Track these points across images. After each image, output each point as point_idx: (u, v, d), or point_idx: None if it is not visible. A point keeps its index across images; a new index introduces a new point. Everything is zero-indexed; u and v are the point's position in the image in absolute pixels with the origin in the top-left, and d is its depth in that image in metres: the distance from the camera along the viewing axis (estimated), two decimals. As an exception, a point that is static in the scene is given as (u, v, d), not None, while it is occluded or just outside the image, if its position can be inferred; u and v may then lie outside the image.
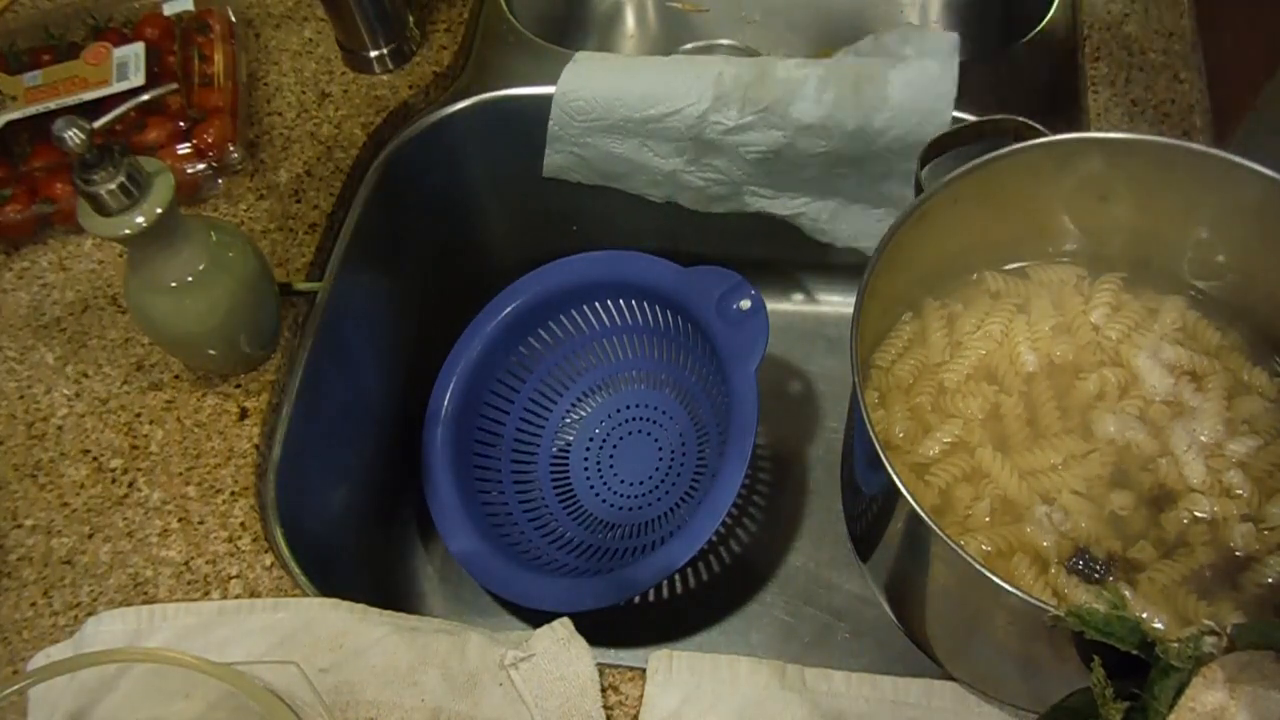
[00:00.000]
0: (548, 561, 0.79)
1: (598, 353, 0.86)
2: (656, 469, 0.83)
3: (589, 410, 0.87)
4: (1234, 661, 0.40)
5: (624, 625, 0.79)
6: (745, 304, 0.73)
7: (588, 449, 0.85)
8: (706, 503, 0.69)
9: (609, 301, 0.83)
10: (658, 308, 0.81)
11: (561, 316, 0.84)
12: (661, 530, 0.80)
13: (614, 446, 0.85)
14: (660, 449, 0.84)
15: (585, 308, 0.83)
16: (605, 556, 0.79)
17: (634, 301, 0.82)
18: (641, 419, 0.86)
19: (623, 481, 0.84)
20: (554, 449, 0.86)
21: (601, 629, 0.80)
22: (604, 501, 0.83)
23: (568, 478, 0.85)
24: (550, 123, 0.81)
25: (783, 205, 0.84)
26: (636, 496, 0.83)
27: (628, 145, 0.81)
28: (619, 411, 0.86)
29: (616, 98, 0.78)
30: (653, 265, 0.79)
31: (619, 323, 0.84)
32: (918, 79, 0.73)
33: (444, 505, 0.77)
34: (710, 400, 0.81)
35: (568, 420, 0.87)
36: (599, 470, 0.84)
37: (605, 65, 0.80)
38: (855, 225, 0.83)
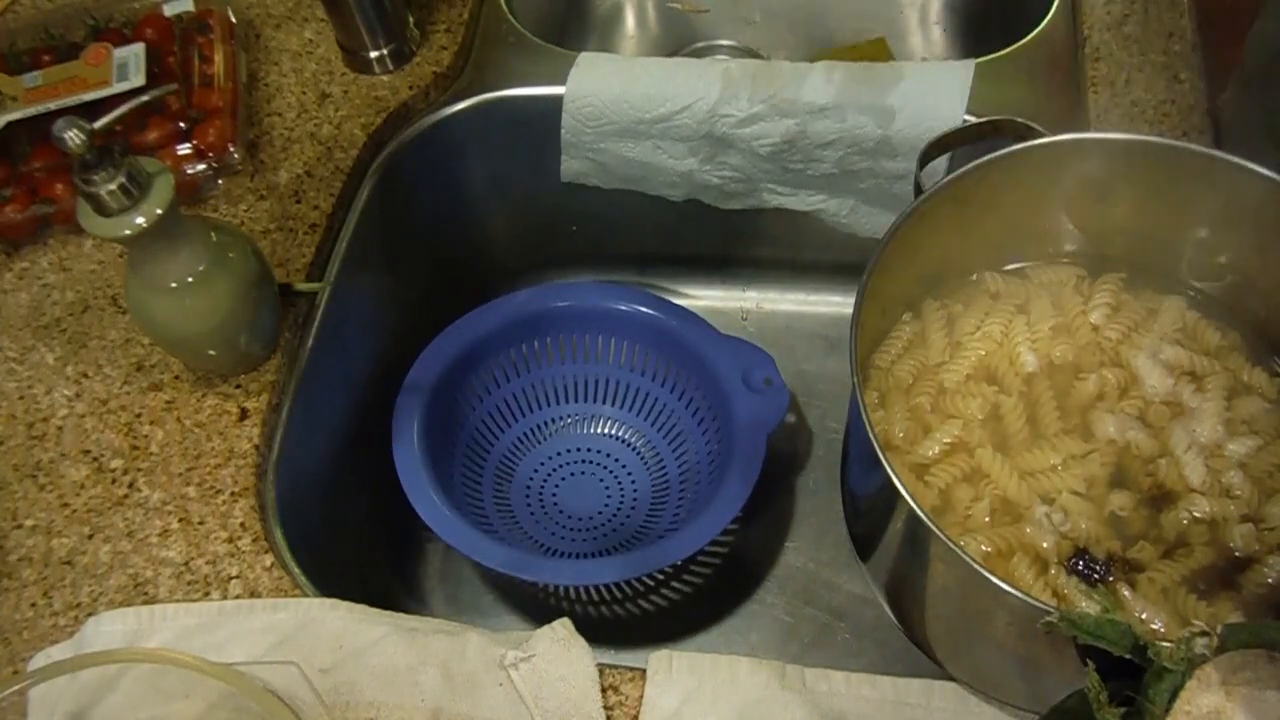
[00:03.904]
0: (551, 548, 0.80)
1: (598, 374, 0.85)
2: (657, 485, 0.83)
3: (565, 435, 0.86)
4: (1228, 663, 0.40)
5: (624, 625, 0.79)
6: (769, 380, 0.75)
7: (541, 483, 0.84)
8: (709, 507, 0.69)
9: (616, 335, 0.83)
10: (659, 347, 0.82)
11: (561, 336, 0.83)
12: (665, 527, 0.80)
13: (570, 480, 0.84)
14: (662, 475, 0.83)
15: (589, 334, 0.83)
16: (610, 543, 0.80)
17: (638, 337, 0.82)
18: (625, 444, 0.85)
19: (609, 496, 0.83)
20: (546, 469, 0.85)
21: (601, 629, 0.80)
22: (593, 512, 0.83)
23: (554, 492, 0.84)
24: (562, 130, 0.81)
25: (801, 201, 0.83)
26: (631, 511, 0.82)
27: (641, 148, 0.81)
28: (587, 446, 0.85)
29: (625, 99, 0.78)
30: (685, 320, 0.79)
31: (617, 346, 0.84)
32: (933, 71, 0.74)
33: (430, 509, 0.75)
34: (705, 436, 0.80)
35: (565, 429, 0.86)
36: (555, 500, 0.83)
37: (611, 67, 0.80)
38: (875, 220, 0.83)
